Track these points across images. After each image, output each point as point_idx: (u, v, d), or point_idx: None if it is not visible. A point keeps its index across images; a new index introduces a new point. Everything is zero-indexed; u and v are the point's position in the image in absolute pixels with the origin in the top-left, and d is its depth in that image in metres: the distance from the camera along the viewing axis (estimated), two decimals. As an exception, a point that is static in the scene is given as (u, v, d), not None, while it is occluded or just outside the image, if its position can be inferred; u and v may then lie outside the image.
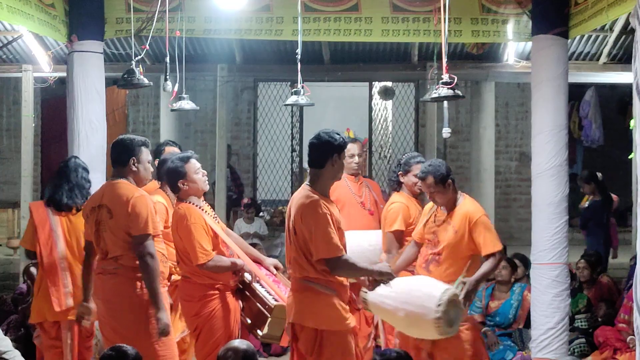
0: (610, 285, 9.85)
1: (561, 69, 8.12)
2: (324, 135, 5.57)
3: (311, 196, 5.46)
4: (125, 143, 6.17)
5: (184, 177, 6.31)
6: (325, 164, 5.53)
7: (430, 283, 6.01)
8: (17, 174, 12.76)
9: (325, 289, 5.45)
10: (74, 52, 8.29)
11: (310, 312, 5.45)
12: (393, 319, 6.11)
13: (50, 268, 6.88)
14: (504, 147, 15.56)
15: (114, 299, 6.01)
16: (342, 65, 12.44)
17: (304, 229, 5.41)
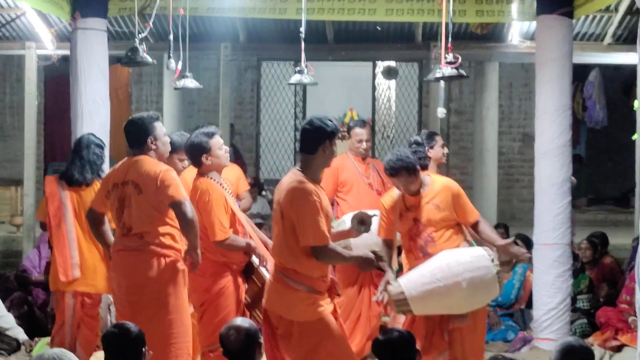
0: (612, 266, 9.86)
1: (566, 49, 8.10)
2: (316, 120, 5.49)
3: (303, 181, 5.39)
4: (139, 123, 6.15)
5: (208, 152, 6.35)
6: (317, 150, 5.45)
7: (460, 250, 6.05)
8: (20, 152, 12.74)
9: (296, 284, 5.38)
10: (78, 30, 8.27)
11: (283, 304, 5.42)
12: (450, 300, 5.91)
13: (58, 240, 7.07)
14: (507, 127, 15.52)
15: (136, 275, 6.00)
16: (346, 44, 12.40)
17: (292, 213, 5.33)
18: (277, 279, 5.45)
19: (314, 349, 5.36)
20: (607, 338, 8.35)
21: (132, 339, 4.64)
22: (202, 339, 6.34)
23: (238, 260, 6.28)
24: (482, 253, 5.96)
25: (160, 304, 5.95)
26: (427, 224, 6.16)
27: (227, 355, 4.83)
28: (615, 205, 15.47)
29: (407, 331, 5.03)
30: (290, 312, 5.40)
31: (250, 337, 4.76)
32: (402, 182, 6.12)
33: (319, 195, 5.38)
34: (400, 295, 5.86)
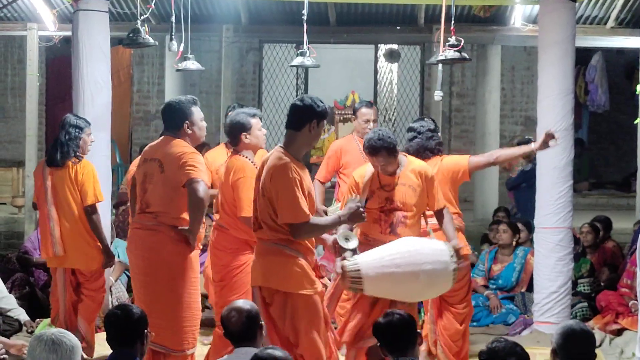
0: (614, 250, 9.87)
1: (568, 32, 8.08)
2: (307, 99, 5.51)
3: (283, 158, 5.36)
4: (177, 107, 6.21)
5: (248, 131, 6.46)
6: (303, 127, 5.44)
7: (424, 240, 6.00)
8: (22, 133, 12.75)
9: (292, 252, 5.37)
10: (79, 11, 8.24)
11: (279, 276, 5.37)
12: (403, 287, 5.87)
13: (41, 218, 7.36)
14: (510, 111, 15.51)
15: (149, 255, 6.07)
16: (348, 27, 12.37)
17: (272, 191, 5.33)
18: (271, 251, 5.40)
19: (298, 324, 5.36)
20: (608, 322, 8.36)
21: (134, 320, 4.64)
22: (217, 314, 6.37)
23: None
24: (444, 248, 5.91)
25: (170, 287, 6.00)
26: (401, 204, 6.10)
27: (229, 337, 4.84)
28: (616, 190, 15.47)
29: (408, 314, 5.02)
30: (287, 282, 5.36)
31: (251, 319, 4.77)
32: (380, 161, 6.06)
33: (298, 172, 5.35)
34: (356, 272, 5.75)
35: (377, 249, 5.87)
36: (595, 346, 4.37)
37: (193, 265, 6.09)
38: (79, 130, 7.25)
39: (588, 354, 4.23)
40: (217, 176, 7.78)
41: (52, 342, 4.01)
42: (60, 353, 4.01)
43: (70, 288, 7.34)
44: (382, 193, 6.14)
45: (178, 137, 6.15)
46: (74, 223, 7.18)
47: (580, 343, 4.21)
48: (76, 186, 7.15)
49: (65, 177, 7.15)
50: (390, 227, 6.11)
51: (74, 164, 7.15)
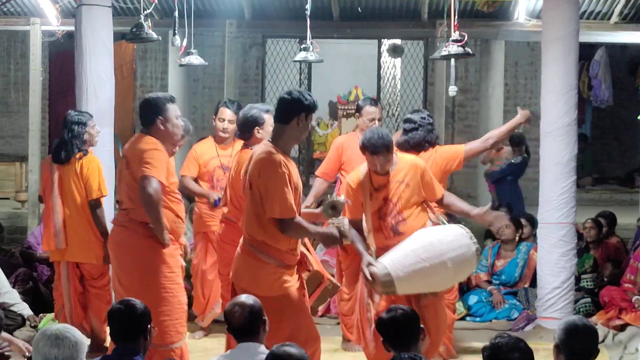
0: (618, 245, 9.87)
1: (572, 27, 8.06)
2: (295, 92, 5.51)
3: (272, 152, 5.34)
4: (151, 102, 6.20)
5: (261, 126, 6.58)
6: (291, 120, 5.43)
7: (439, 229, 6.04)
8: (25, 128, 12.76)
9: (266, 257, 5.38)
10: (82, 6, 8.23)
11: (250, 278, 5.41)
12: (435, 278, 5.93)
13: (46, 211, 7.46)
14: (513, 106, 15.41)
15: (124, 252, 6.10)
16: (351, 22, 12.36)
17: (260, 184, 5.31)
18: (247, 251, 5.43)
19: (279, 324, 5.32)
20: (611, 317, 8.36)
21: (137, 315, 4.64)
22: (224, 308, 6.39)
23: None
24: (461, 231, 5.97)
25: (143, 283, 6.00)
26: (398, 202, 6.06)
27: (232, 332, 4.85)
28: (620, 185, 15.46)
29: (411, 309, 5.03)
30: (257, 286, 5.36)
31: (254, 313, 4.77)
32: (380, 160, 6.00)
33: (287, 167, 5.34)
34: (386, 276, 5.78)
35: (399, 248, 5.88)
36: (598, 342, 4.36)
37: (167, 260, 6.05)
38: (82, 126, 7.31)
39: (591, 349, 4.22)
40: (205, 169, 7.82)
41: (56, 337, 4.01)
42: (63, 348, 4.01)
43: (76, 281, 7.40)
44: (378, 194, 6.09)
45: (150, 134, 6.11)
46: (77, 216, 7.26)
47: (583, 338, 4.21)
48: (81, 180, 7.20)
49: (71, 171, 7.24)
50: (393, 229, 6.07)
51: (79, 159, 7.19)
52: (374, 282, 5.84)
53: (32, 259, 9.41)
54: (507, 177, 11.52)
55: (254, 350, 4.70)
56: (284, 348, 4.28)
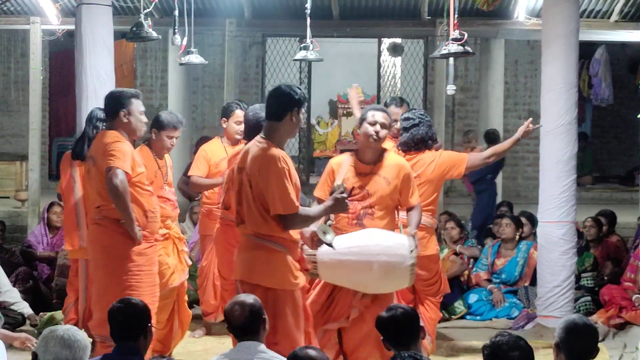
0: (618, 244, 9.87)
1: (572, 26, 8.06)
2: (285, 87, 5.48)
3: (270, 148, 5.32)
4: (115, 96, 6.27)
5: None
6: (285, 117, 5.40)
7: (386, 233, 5.94)
8: (25, 127, 12.76)
9: (277, 246, 5.35)
10: (83, 5, 8.23)
11: (262, 271, 5.35)
12: (358, 276, 5.83)
13: (68, 211, 7.37)
14: (513, 105, 15.50)
15: (94, 247, 6.18)
16: (351, 21, 12.36)
17: (260, 181, 5.28)
18: (256, 245, 5.37)
19: (277, 319, 5.31)
20: (611, 316, 8.37)
21: (137, 314, 4.65)
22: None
23: None
24: (404, 242, 5.82)
25: (110, 279, 6.04)
26: (374, 195, 5.99)
27: (232, 331, 4.85)
28: (620, 184, 15.47)
29: (412, 308, 5.03)
30: (269, 279, 5.33)
31: (254, 313, 4.77)
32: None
33: (286, 162, 5.31)
34: (312, 257, 5.71)
35: (341, 237, 5.81)
36: (598, 340, 4.36)
37: (135, 258, 6.06)
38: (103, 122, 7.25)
39: (591, 348, 4.22)
40: (216, 170, 7.80)
41: (68, 338, 4.05)
42: (75, 350, 4.05)
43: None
44: (356, 181, 6.02)
45: (114, 128, 6.16)
46: None
47: (583, 337, 4.21)
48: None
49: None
50: (357, 218, 5.99)
51: None
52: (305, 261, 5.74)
53: (33, 257, 9.41)
54: (487, 176, 11.50)
55: (254, 349, 4.70)
56: (306, 350, 4.28)
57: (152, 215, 6.22)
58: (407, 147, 6.93)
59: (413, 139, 6.91)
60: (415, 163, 6.81)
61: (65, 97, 14.51)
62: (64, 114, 15.08)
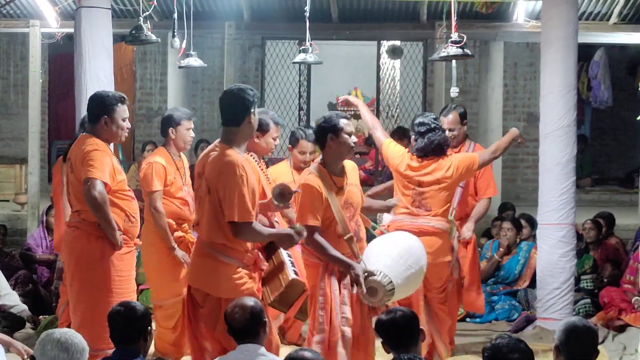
0: (617, 246, 9.87)
1: (571, 28, 8.07)
2: (238, 91, 5.40)
3: (229, 155, 5.27)
4: (99, 99, 6.12)
5: (263, 133, 6.45)
6: (242, 121, 5.36)
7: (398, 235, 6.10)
8: (25, 130, 12.76)
9: (227, 258, 5.32)
10: (82, 8, 8.24)
11: (211, 281, 5.34)
12: (416, 284, 6.04)
13: (57, 212, 7.52)
14: (512, 107, 15.50)
15: (70, 252, 6.10)
16: (351, 23, 12.36)
17: (219, 188, 5.24)
18: (206, 254, 5.36)
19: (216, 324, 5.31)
20: (611, 318, 8.36)
21: (137, 317, 4.66)
22: None
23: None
24: (417, 238, 6.06)
25: (84, 284, 6.00)
26: (356, 207, 5.93)
27: (232, 334, 4.85)
28: (619, 186, 15.45)
29: (411, 310, 5.03)
30: (218, 288, 5.32)
31: (255, 315, 4.77)
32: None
33: (244, 169, 5.27)
34: (390, 285, 5.66)
35: (379, 253, 5.80)
36: (598, 342, 4.37)
37: (115, 263, 6.01)
38: None
39: (590, 350, 4.23)
40: None
41: (65, 341, 4.05)
42: (72, 353, 4.05)
43: None
44: (341, 197, 5.85)
45: (94, 133, 6.07)
46: None
47: (583, 339, 4.21)
48: None
49: None
50: (356, 235, 5.89)
51: None
52: (372, 293, 5.66)
53: (32, 260, 9.41)
54: None
55: (255, 352, 4.71)
56: (301, 352, 4.29)
57: (133, 219, 6.17)
58: (425, 154, 6.84)
59: (431, 144, 6.82)
60: (434, 169, 6.80)
61: (65, 100, 14.52)
62: (63, 117, 15.08)
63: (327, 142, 5.75)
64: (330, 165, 5.81)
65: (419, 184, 6.79)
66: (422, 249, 6.01)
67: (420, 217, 6.74)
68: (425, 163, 6.79)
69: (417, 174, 6.81)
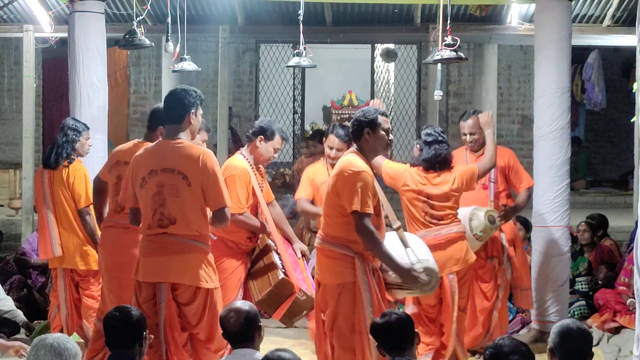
0: (611, 248, 9.87)
1: (565, 31, 8.08)
2: (181, 91, 5.62)
3: (197, 147, 5.51)
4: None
5: (267, 140, 6.53)
6: (184, 119, 5.53)
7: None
8: (19, 135, 12.74)
9: (205, 246, 5.48)
10: (75, 12, 8.24)
11: (195, 273, 5.43)
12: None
13: (40, 220, 7.48)
14: (506, 110, 15.51)
15: (123, 253, 6.13)
16: (345, 26, 12.37)
17: (204, 178, 5.38)
18: (186, 247, 5.43)
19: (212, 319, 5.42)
20: (606, 320, 8.37)
21: (133, 322, 4.65)
22: None
23: (239, 240, 6.32)
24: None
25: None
26: None
27: (227, 338, 4.85)
28: (614, 188, 15.47)
29: (406, 314, 5.02)
30: (203, 279, 5.44)
31: (250, 320, 4.77)
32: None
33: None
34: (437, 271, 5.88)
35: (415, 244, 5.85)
36: (593, 345, 4.37)
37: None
38: (76, 133, 7.34)
39: (585, 352, 4.23)
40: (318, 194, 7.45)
41: (58, 346, 4.04)
42: (65, 358, 4.04)
43: (72, 287, 7.45)
44: None
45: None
46: (69, 224, 7.31)
47: (577, 342, 4.21)
48: (68, 188, 7.23)
49: (59, 179, 7.29)
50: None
51: (66, 167, 7.23)
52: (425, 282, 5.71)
53: (26, 265, 9.40)
54: None
55: (250, 356, 4.70)
56: (278, 353, 4.29)
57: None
58: (430, 165, 6.85)
59: (437, 157, 6.84)
60: (440, 182, 6.82)
61: (59, 105, 14.49)
62: (57, 122, 14.89)
63: (363, 136, 5.68)
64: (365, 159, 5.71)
65: (428, 197, 6.79)
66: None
67: (440, 227, 6.76)
68: (431, 175, 6.82)
69: (425, 187, 6.82)
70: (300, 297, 6.01)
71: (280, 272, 6.04)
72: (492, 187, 7.59)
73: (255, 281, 6.21)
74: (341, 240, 5.53)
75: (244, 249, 6.39)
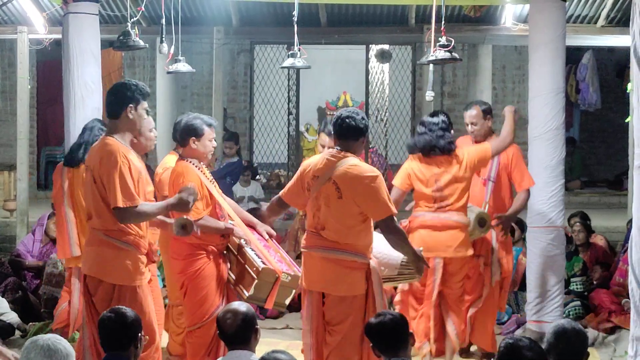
0: (605, 248, 9.88)
1: (559, 31, 8.08)
2: (119, 86, 5.70)
3: (110, 144, 5.52)
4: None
5: (199, 138, 6.38)
6: (121, 113, 5.59)
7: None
8: (13, 137, 12.73)
9: (122, 244, 5.51)
10: (69, 14, 8.22)
11: (108, 267, 5.50)
12: None
13: (58, 219, 7.52)
14: (501, 110, 15.44)
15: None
16: (339, 27, 12.37)
17: (102, 175, 5.45)
18: (101, 241, 5.53)
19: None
20: (601, 320, 8.38)
21: (127, 323, 4.64)
22: (186, 319, 6.46)
23: (213, 242, 6.30)
24: None
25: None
26: None
27: (223, 339, 4.85)
28: (608, 188, 15.49)
29: (400, 314, 5.03)
30: (114, 274, 5.51)
31: (246, 322, 4.77)
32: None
33: (126, 156, 5.49)
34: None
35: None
36: (588, 345, 4.38)
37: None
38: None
39: (580, 352, 4.24)
40: None
41: (48, 348, 4.03)
42: (57, 359, 4.02)
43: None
44: None
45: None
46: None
47: (573, 342, 4.22)
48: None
49: (79, 178, 7.25)
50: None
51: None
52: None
53: (21, 267, 9.38)
54: (226, 178, 11.52)
55: (245, 358, 4.70)
56: (275, 355, 4.29)
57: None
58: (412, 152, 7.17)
59: (416, 145, 7.11)
60: (445, 167, 7.01)
61: (53, 107, 14.46)
62: (52, 123, 15.03)
63: (357, 140, 5.79)
64: None
65: (436, 180, 6.96)
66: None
67: (442, 211, 6.92)
68: (432, 160, 6.99)
69: (431, 173, 6.99)
70: (285, 279, 6.02)
71: (259, 262, 6.04)
72: (489, 187, 7.59)
73: (241, 284, 6.22)
74: (361, 249, 5.65)
75: (221, 248, 6.38)
